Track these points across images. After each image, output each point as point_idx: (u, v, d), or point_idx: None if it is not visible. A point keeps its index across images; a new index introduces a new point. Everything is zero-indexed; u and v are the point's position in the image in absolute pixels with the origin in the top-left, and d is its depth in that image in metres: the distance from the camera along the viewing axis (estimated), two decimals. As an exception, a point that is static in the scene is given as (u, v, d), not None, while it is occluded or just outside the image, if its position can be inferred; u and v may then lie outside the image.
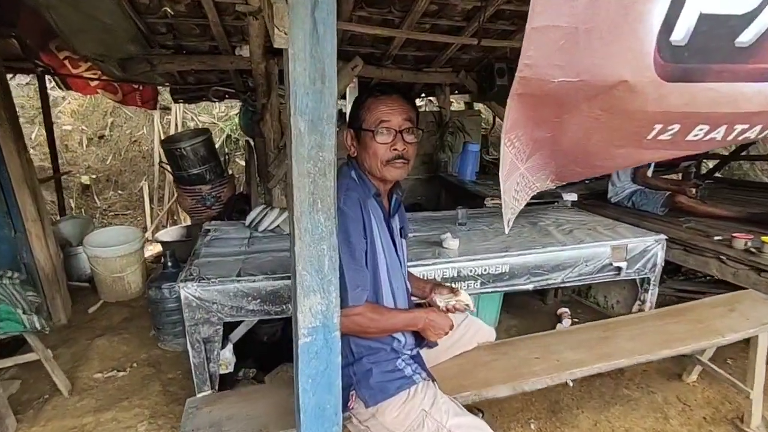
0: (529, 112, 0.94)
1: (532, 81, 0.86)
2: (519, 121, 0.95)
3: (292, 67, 1.10)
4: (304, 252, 1.21)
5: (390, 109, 1.40)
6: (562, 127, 0.98)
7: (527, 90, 0.88)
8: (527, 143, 1.02)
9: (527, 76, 0.85)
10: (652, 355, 1.93)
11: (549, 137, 1.02)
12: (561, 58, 0.82)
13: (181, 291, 1.93)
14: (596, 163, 1.10)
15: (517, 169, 1.07)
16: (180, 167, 3.81)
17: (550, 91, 0.86)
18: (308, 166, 1.16)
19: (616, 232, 2.68)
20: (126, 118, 6.33)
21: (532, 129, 0.99)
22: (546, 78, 0.84)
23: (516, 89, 0.89)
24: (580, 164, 1.11)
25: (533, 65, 0.84)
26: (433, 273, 2.23)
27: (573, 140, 1.02)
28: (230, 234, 2.72)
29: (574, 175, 1.21)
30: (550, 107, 0.93)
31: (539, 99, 0.91)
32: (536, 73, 0.85)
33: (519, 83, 0.87)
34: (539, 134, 1.01)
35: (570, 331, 2.12)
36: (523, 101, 0.91)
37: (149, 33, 3.15)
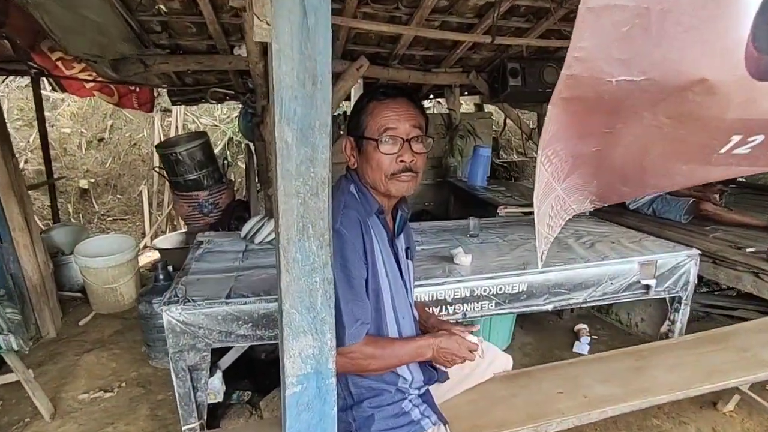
0: (573, 122, 0.73)
1: (582, 80, 0.65)
2: (559, 133, 0.75)
3: (276, 66, 0.90)
4: (292, 287, 1.01)
5: (396, 114, 1.20)
6: (612, 140, 0.78)
7: (575, 93, 0.68)
8: (566, 159, 0.82)
9: (577, 73, 0.65)
10: (692, 391, 1.71)
11: (594, 153, 0.82)
12: (624, 50, 0.61)
13: (164, 315, 1.74)
14: (650, 182, 0.90)
15: (552, 191, 0.87)
16: (176, 173, 3.63)
17: (604, 93, 0.66)
18: (297, 184, 0.96)
19: (643, 246, 2.45)
20: (126, 121, 6.19)
21: (574, 143, 0.78)
22: (602, 76, 0.63)
23: (560, 92, 0.68)
24: (630, 183, 0.91)
25: (586, 59, 0.63)
26: (443, 293, 2.02)
27: (625, 156, 0.81)
28: (224, 247, 2.54)
29: (619, 196, 1.00)
30: (601, 115, 0.72)
31: (589, 105, 0.70)
32: (589, 70, 0.64)
33: (565, 84, 0.66)
34: (582, 149, 0.80)
35: (597, 360, 1.90)
36: (568, 108, 0.71)
37: (142, 32, 2.98)
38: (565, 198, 0.93)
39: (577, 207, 1.01)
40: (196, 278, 2.03)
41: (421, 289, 1.98)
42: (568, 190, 0.92)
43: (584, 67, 0.64)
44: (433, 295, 2.01)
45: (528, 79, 3.73)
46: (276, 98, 0.91)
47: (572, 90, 0.67)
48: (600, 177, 0.91)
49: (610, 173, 0.89)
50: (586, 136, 0.78)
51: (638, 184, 0.92)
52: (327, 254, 1.01)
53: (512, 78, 3.70)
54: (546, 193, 0.88)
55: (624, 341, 3.01)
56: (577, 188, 0.94)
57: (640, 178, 0.89)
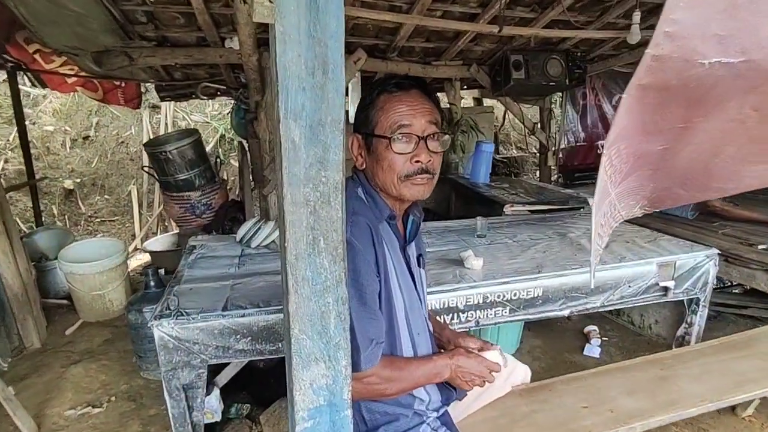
0: (646, 115, 0.61)
1: (670, 63, 0.52)
2: (627, 129, 0.62)
3: (280, 52, 0.76)
4: (302, 309, 0.88)
5: (411, 109, 1.06)
6: (685, 137, 0.65)
7: (657, 79, 0.54)
8: (626, 160, 0.69)
9: (665, 54, 0.51)
10: (722, 402, 1.61)
11: (659, 152, 0.69)
12: (726, 24, 0.48)
13: (154, 330, 1.60)
14: (713, 185, 0.78)
15: (607, 196, 0.74)
16: (165, 172, 3.46)
17: (691, 79, 0.53)
18: (306, 191, 0.82)
19: (660, 246, 2.34)
20: (112, 118, 5.96)
21: (639, 140, 0.65)
22: (693, 57, 0.51)
23: (639, 78, 0.55)
24: (690, 186, 0.78)
25: (679, 35, 0.50)
26: (455, 300, 1.89)
27: (693, 155, 0.69)
28: (218, 251, 2.39)
29: (674, 200, 0.88)
30: (680, 107, 0.60)
31: (670, 94, 0.57)
32: (681, 49, 0.51)
33: (648, 68, 0.53)
34: (648, 147, 0.68)
35: (620, 369, 1.79)
36: (644, 98, 0.57)
37: (126, 22, 2.79)
38: (617, 204, 0.81)
39: (626, 213, 0.88)
40: (188, 288, 1.88)
41: (432, 297, 1.85)
42: (621, 195, 0.79)
43: (675, 45, 0.51)
44: (444, 303, 1.88)
45: (531, 72, 3.60)
46: (281, 90, 0.77)
47: (655, 75, 0.54)
48: (658, 180, 0.79)
49: (671, 175, 0.77)
50: (655, 132, 0.65)
51: (700, 187, 0.80)
52: (341, 271, 0.88)
53: (515, 71, 3.58)
54: (601, 200, 0.75)
55: (635, 343, 2.92)
56: (631, 192, 0.81)
57: (703, 181, 0.77)
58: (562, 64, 3.67)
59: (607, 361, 2.82)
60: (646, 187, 0.82)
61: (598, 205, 0.74)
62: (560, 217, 3.02)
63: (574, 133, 4.76)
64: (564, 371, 2.73)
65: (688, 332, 2.37)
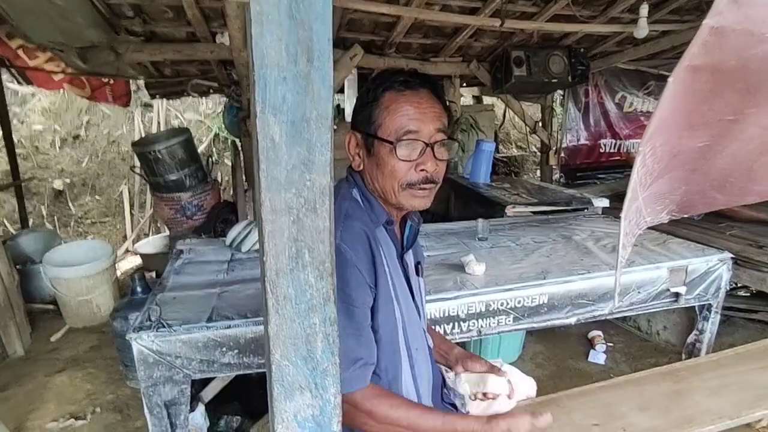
0: (691, 104, 0.50)
1: (732, 37, 0.42)
2: (668, 121, 0.51)
3: (257, 35, 0.65)
4: (283, 332, 0.77)
5: (419, 112, 0.94)
6: (732, 132, 0.55)
7: (714, 57, 0.44)
8: (661, 159, 0.59)
9: (727, 25, 0.41)
10: (743, 418, 1.50)
11: (698, 149, 0.59)
12: None
13: (133, 344, 1.49)
14: (755, 188, 0.68)
15: (635, 201, 0.64)
16: (155, 173, 3.34)
17: (752, 59, 0.43)
18: (288, 196, 0.71)
19: (670, 249, 2.24)
20: (103, 117, 5.83)
21: (679, 135, 0.55)
22: (761, 30, 0.40)
23: (691, 57, 0.44)
24: (729, 190, 0.68)
25: (745, 2, 0.39)
26: (456, 309, 1.79)
27: (738, 153, 0.59)
28: (207, 256, 2.27)
29: (707, 205, 0.78)
30: (734, 94, 0.49)
31: (724, 77, 0.47)
32: (749, 19, 0.41)
33: (704, 43, 0.42)
34: (687, 144, 0.57)
35: (630, 382, 1.68)
36: (693, 83, 0.47)
37: (112, 16, 2.68)
38: (643, 209, 0.70)
39: (651, 219, 0.78)
40: (172, 296, 1.77)
41: (432, 305, 1.75)
42: (648, 199, 0.69)
43: (741, 14, 0.40)
44: (444, 311, 1.77)
45: (533, 68, 3.50)
46: (257, 80, 0.66)
47: (710, 54, 0.43)
48: (692, 182, 0.68)
49: (707, 177, 0.67)
50: (700, 126, 0.55)
51: (738, 191, 0.70)
52: (329, 287, 0.76)
53: (516, 67, 3.47)
54: (630, 206, 0.64)
55: (642, 349, 2.82)
56: (659, 197, 0.71)
57: (743, 183, 0.67)
58: (565, 61, 3.57)
59: (613, 368, 2.72)
60: (677, 190, 0.71)
61: (627, 212, 0.63)
62: (564, 218, 2.91)
63: (576, 132, 4.65)
64: (569, 379, 2.63)
65: (699, 339, 2.27)
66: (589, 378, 2.60)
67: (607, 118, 4.77)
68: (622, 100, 4.73)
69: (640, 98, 4.79)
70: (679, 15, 3.35)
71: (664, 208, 0.78)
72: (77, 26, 2.66)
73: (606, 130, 4.82)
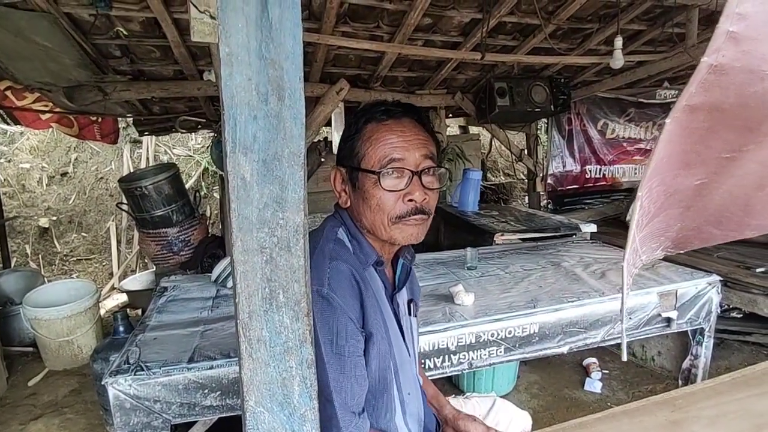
0: (688, 144, 0.50)
1: (731, 75, 0.42)
2: (664, 161, 0.51)
3: (226, 76, 0.66)
4: (258, 377, 0.74)
5: (403, 140, 0.92)
6: (728, 169, 0.55)
7: (713, 96, 0.44)
8: (657, 199, 0.59)
9: (726, 63, 0.41)
10: (742, 449, 1.46)
11: (695, 187, 0.58)
12: None
13: (108, 389, 1.42)
14: (753, 222, 0.67)
15: (633, 242, 0.63)
16: (141, 209, 3.31)
17: (752, 97, 0.43)
18: (260, 236, 0.70)
19: (659, 273, 2.23)
20: (92, 153, 5.83)
21: (675, 174, 0.55)
22: (761, 67, 0.40)
23: (689, 96, 0.44)
24: (725, 225, 0.68)
25: (746, 37, 0.40)
26: (446, 341, 1.75)
27: (735, 189, 0.59)
28: (192, 293, 2.23)
29: (703, 240, 0.77)
30: (732, 132, 0.49)
31: (724, 116, 0.47)
32: (747, 56, 0.40)
33: (703, 82, 0.42)
34: (683, 182, 0.57)
35: (627, 413, 1.63)
36: (690, 123, 0.47)
37: (99, 57, 2.71)
38: (639, 249, 0.69)
39: (647, 258, 0.77)
40: (153, 337, 1.71)
41: (421, 338, 1.71)
42: (645, 239, 0.68)
43: (740, 51, 0.40)
44: (434, 344, 1.73)
45: (516, 98, 3.58)
46: (227, 120, 0.66)
47: (709, 92, 0.43)
48: (688, 219, 0.68)
49: (703, 214, 0.66)
50: (696, 164, 0.55)
51: (735, 226, 0.70)
52: (305, 328, 0.74)
53: (500, 98, 3.55)
54: (629, 251, 0.64)
55: (638, 375, 2.77)
56: (655, 235, 0.70)
57: (740, 218, 0.66)
58: (547, 91, 3.66)
59: (610, 396, 2.66)
60: (673, 227, 0.71)
61: (627, 257, 0.63)
62: (552, 244, 2.91)
63: (561, 159, 4.73)
64: (565, 409, 2.57)
65: (695, 364, 2.23)
66: (586, 407, 2.54)
67: (590, 144, 4.87)
68: (604, 126, 4.85)
69: (621, 125, 4.91)
70: (652, 46, 3.49)
71: (659, 246, 0.77)
72: (65, 67, 2.69)
73: (590, 157, 4.91)
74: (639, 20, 3.12)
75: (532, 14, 2.76)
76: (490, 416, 1.47)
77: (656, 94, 4.70)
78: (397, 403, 1.02)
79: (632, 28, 3.19)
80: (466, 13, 2.69)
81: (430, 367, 1.75)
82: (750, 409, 1.60)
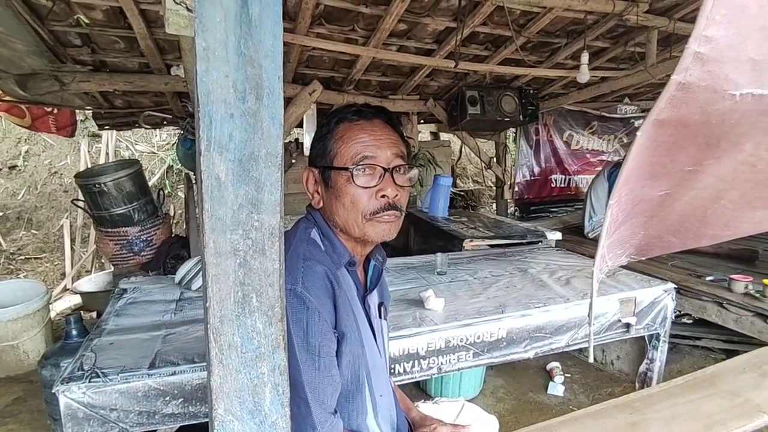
0: (655, 156, 0.52)
1: (696, 93, 0.43)
2: (633, 172, 0.52)
3: (202, 71, 0.64)
4: (228, 384, 0.71)
5: (374, 139, 0.94)
6: (690, 182, 0.58)
7: (680, 112, 0.45)
8: (624, 207, 0.61)
9: (693, 81, 0.42)
10: (695, 449, 1.53)
11: (659, 197, 0.61)
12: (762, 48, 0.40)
13: (60, 397, 1.34)
14: (708, 232, 0.71)
15: (600, 249, 0.64)
16: (99, 206, 3.15)
17: (715, 114, 0.45)
18: (234, 238, 0.68)
19: (620, 281, 2.33)
20: (45, 146, 5.50)
21: (642, 185, 0.57)
22: (724, 87, 0.42)
23: (659, 111, 0.45)
24: (684, 234, 0.71)
25: (711, 58, 0.41)
26: (416, 346, 1.75)
27: (694, 201, 0.61)
28: (153, 295, 2.13)
29: (663, 248, 0.81)
30: (696, 147, 0.52)
31: (688, 132, 0.49)
32: (712, 77, 0.42)
33: (671, 98, 0.44)
34: (649, 193, 0.59)
35: (589, 416, 1.69)
36: (659, 135, 0.48)
37: (57, 44, 2.57)
38: (605, 255, 0.72)
39: (612, 263, 0.79)
40: (110, 341, 1.63)
41: (392, 343, 1.70)
42: (611, 246, 0.70)
43: (705, 71, 0.42)
44: (404, 350, 1.73)
45: (487, 107, 3.66)
46: (202, 117, 0.64)
47: (677, 108, 0.45)
48: (651, 227, 0.71)
49: (665, 222, 0.69)
50: (661, 175, 0.57)
51: (693, 235, 0.73)
52: (278, 334, 0.72)
53: (471, 106, 3.62)
54: (598, 256, 0.65)
55: (598, 379, 2.87)
56: (620, 242, 0.73)
57: (697, 228, 0.70)
58: (516, 101, 3.76)
59: (571, 400, 2.74)
60: (637, 235, 0.73)
61: (597, 265, 0.65)
62: (519, 251, 2.98)
63: (528, 167, 4.88)
64: (529, 413, 2.62)
65: (650, 368, 2.34)
66: (549, 411, 2.60)
67: (556, 155, 5.04)
68: (569, 138, 5.03)
69: (585, 137, 5.12)
70: (615, 63, 3.65)
71: (624, 252, 0.80)
72: (17, 53, 2.53)
73: (556, 167, 5.08)
74: (603, 38, 3.26)
75: (504, 26, 2.83)
76: (459, 420, 1.48)
77: (617, 108, 4.92)
78: (369, 404, 1.01)
79: (597, 45, 3.33)
80: (440, 21, 2.72)
81: (400, 371, 1.75)
82: (700, 410, 1.69)
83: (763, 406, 1.70)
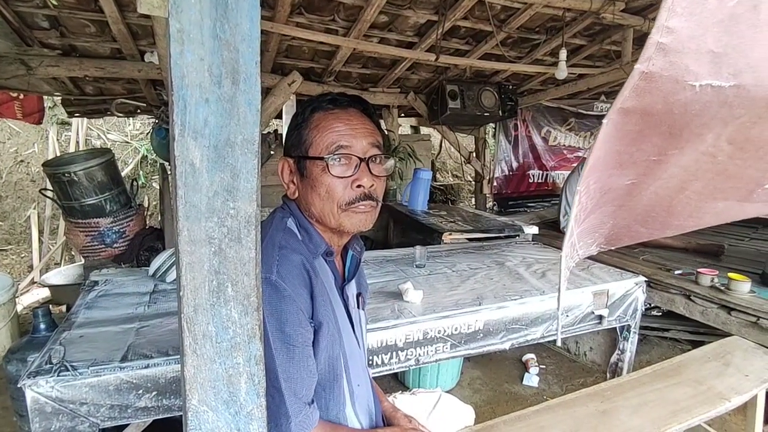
0: (622, 145, 0.53)
1: (659, 83, 0.44)
2: (600, 161, 0.54)
3: (176, 54, 0.62)
4: (202, 374, 0.70)
5: (350, 128, 0.93)
6: (655, 172, 0.59)
7: (644, 101, 0.47)
8: (594, 196, 0.62)
9: (656, 71, 0.43)
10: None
11: (626, 187, 0.62)
12: (720, 40, 0.41)
13: (26, 391, 1.30)
14: (674, 222, 0.73)
15: (570, 237, 0.66)
16: (69, 196, 3.04)
17: (677, 104, 0.46)
18: (209, 225, 0.66)
19: (593, 274, 2.39)
20: (11, 134, 5.27)
21: (610, 173, 0.58)
22: (685, 78, 0.43)
23: (624, 99, 0.47)
24: (651, 224, 0.73)
25: (673, 49, 0.42)
26: (394, 338, 1.76)
27: (660, 190, 0.63)
28: (126, 287, 2.08)
29: (631, 238, 0.83)
30: (660, 137, 0.53)
31: (652, 121, 0.50)
32: (673, 67, 0.43)
33: (635, 87, 0.45)
34: (616, 182, 0.60)
35: (562, 405, 1.73)
36: (624, 125, 0.50)
37: (22, 26, 2.46)
38: (576, 244, 0.73)
39: (583, 253, 0.81)
40: (79, 335, 1.58)
41: (370, 335, 1.70)
42: (581, 234, 0.72)
43: (667, 61, 0.43)
44: (382, 341, 1.74)
45: (467, 102, 3.68)
46: (176, 101, 0.62)
47: (640, 97, 0.46)
48: (619, 217, 0.72)
49: (632, 212, 0.71)
50: (628, 165, 0.58)
51: (660, 225, 0.75)
52: (254, 323, 0.72)
53: (451, 100, 3.63)
54: (567, 243, 0.66)
55: (572, 370, 2.95)
56: (590, 231, 0.74)
57: (664, 218, 0.72)
58: (496, 96, 3.80)
59: (546, 390, 2.81)
60: (606, 224, 0.75)
61: (566, 250, 0.66)
62: (497, 245, 3.03)
63: (507, 163, 4.94)
64: (505, 403, 2.68)
65: (621, 359, 2.41)
66: (524, 401, 2.66)
67: (534, 150, 5.11)
68: (547, 134, 5.11)
69: (562, 133, 5.21)
70: (591, 61, 3.73)
71: (594, 242, 0.82)
72: (-20, 34, 2.42)
73: (534, 162, 5.16)
74: (581, 35, 3.32)
75: (485, 21, 2.85)
76: (436, 411, 1.50)
77: (594, 106, 5.03)
78: (347, 394, 1.01)
79: (575, 42, 3.38)
80: (422, 14, 2.72)
81: (378, 363, 1.75)
82: (667, 398, 1.76)
83: (725, 393, 1.78)
